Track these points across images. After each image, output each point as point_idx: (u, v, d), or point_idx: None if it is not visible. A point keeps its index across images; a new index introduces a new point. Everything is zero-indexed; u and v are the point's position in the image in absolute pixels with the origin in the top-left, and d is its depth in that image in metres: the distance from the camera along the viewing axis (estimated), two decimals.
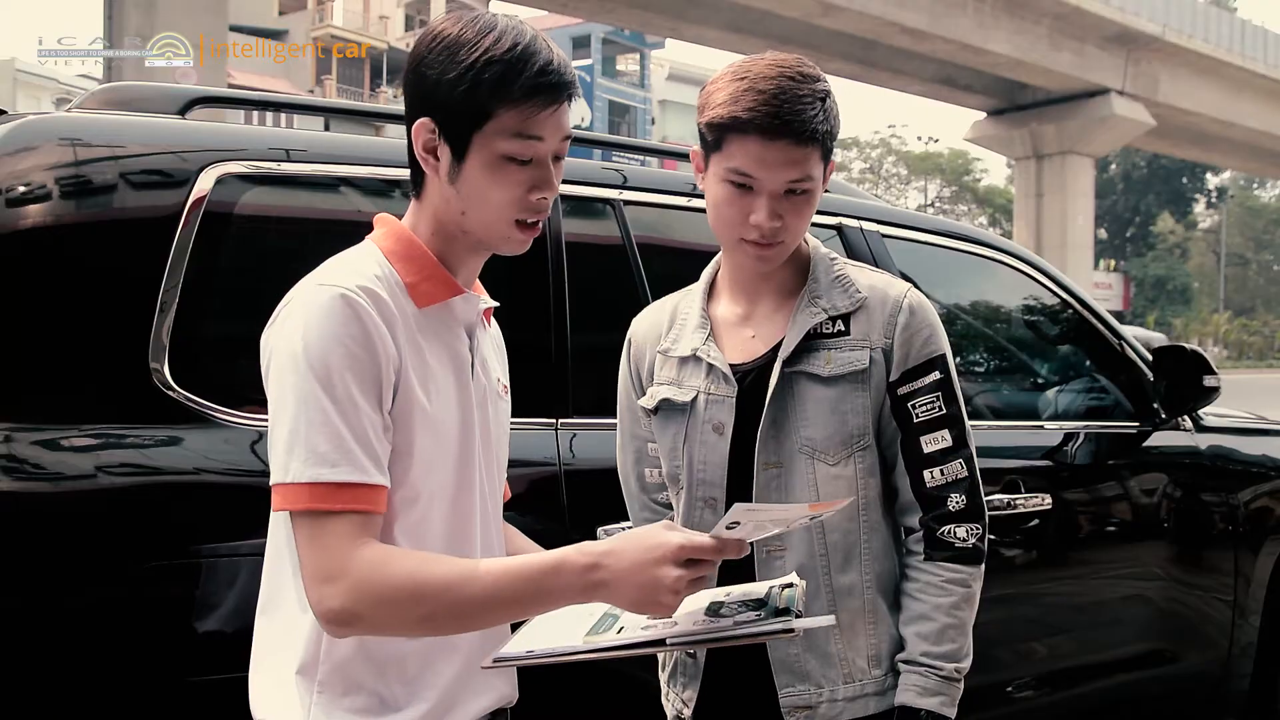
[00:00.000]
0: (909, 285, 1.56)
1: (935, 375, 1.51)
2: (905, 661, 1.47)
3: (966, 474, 1.51)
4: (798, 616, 1.15)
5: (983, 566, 1.51)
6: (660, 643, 1.13)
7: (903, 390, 1.50)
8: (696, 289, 1.64)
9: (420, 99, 1.21)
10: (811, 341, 1.50)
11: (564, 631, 1.19)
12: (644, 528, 1.17)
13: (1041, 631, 2.88)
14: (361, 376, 1.12)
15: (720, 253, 1.63)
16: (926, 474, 1.50)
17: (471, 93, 1.17)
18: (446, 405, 1.22)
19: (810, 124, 1.40)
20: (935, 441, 1.50)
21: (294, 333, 1.13)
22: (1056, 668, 2.89)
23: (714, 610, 1.21)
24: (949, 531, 1.49)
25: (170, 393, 1.73)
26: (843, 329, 1.51)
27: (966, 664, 1.47)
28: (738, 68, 1.46)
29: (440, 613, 1.10)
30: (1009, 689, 2.77)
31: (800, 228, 1.48)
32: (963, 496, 1.50)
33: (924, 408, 1.50)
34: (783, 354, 1.49)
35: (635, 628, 1.19)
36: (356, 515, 1.11)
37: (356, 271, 1.17)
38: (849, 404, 1.49)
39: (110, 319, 1.73)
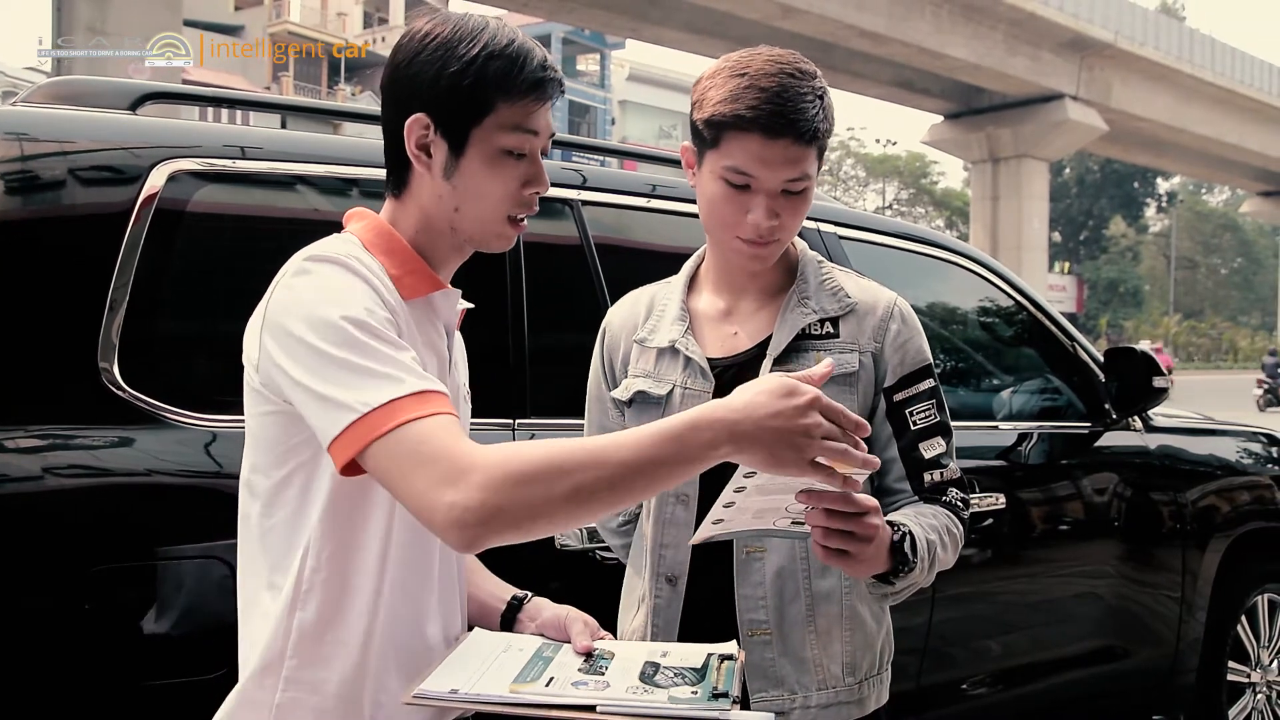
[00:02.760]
0: (896, 294, 1.57)
1: (929, 383, 1.53)
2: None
3: (959, 473, 1.54)
4: (735, 702, 1.12)
5: (963, 539, 1.51)
6: (590, 708, 1.09)
7: (899, 396, 1.51)
8: (676, 281, 1.63)
9: (412, 95, 1.19)
10: (800, 342, 1.50)
11: (490, 672, 1.16)
12: (764, 377, 1.10)
13: (996, 629, 2.91)
14: (383, 321, 1.10)
15: (703, 246, 1.63)
16: (927, 475, 1.51)
17: (475, 86, 1.17)
18: None
19: (812, 123, 1.39)
20: (933, 447, 1.52)
21: (304, 300, 1.10)
22: (1010, 665, 2.93)
23: (648, 675, 1.18)
24: (949, 500, 1.51)
25: (120, 393, 1.70)
26: (831, 331, 1.51)
27: (929, 576, 1.43)
28: (735, 63, 1.43)
29: (589, 482, 1.01)
30: (964, 686, 2.81)
31: (795, 226, 1.48)
32: (959, 491, 1.53)
33: (921, 415, 1.52)
34: (772, 352, 1.49)
35: (565, 682, 1.16)
36: (450, 418, 1.06)
37: (348, 253, 1.16)
38: None
39: (58, 317, 1.70)
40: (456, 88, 1.17)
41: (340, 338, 1.07)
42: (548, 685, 1.15)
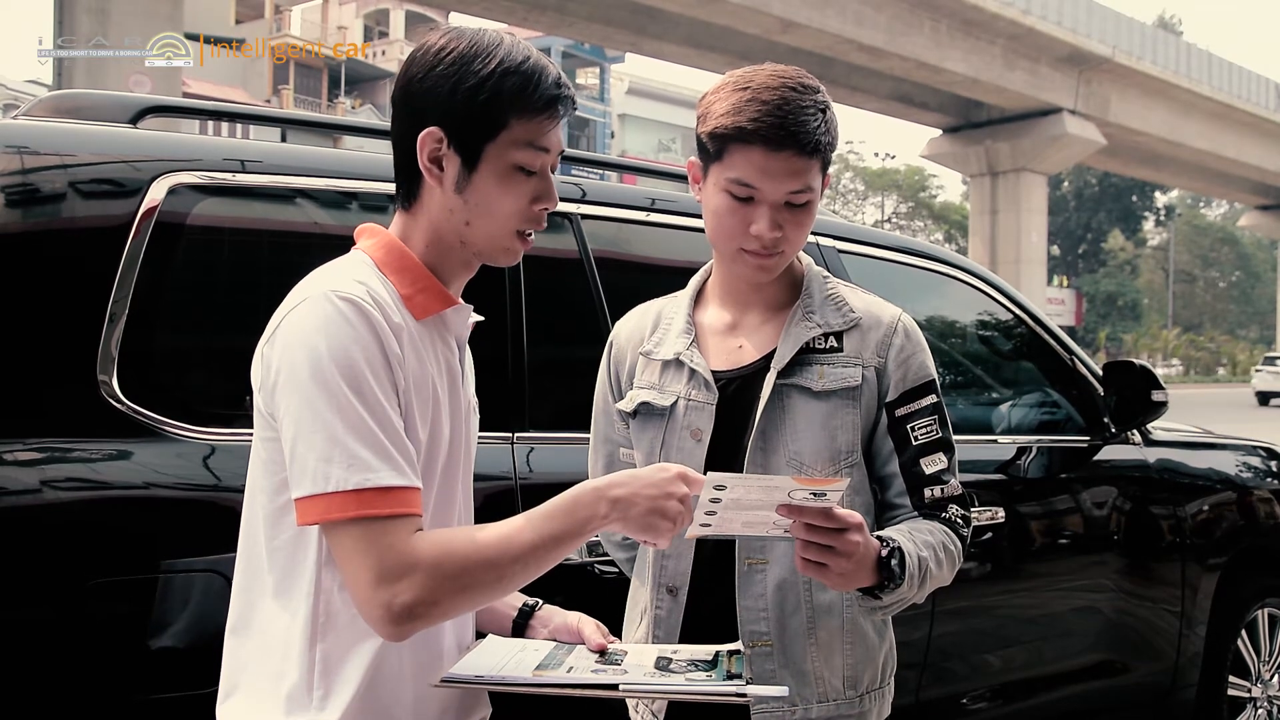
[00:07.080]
0: (900, 309, 1.58)
1: (931, 398, 1.53)
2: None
3: (961, 490, 1.54)
4: (748, 683, 1.17)
5: (961, 557, 1.50)
6: (612, 687, 1.14)
7: (901, 411, 1.52)
8: (683, 295, 1.64)
9: (426, 109, 1.20)
10: (804, 355, 1.51)
11: (513, 662, 1.19)
12: (644, 467, 1.24)
13: (995, 644, 2.90)
14: (384, 381, 1.11)
15: (710, 261, 1.64)
16: (927, 491, 1.51)
17: (490, 102, 1.18)
18: (441, 418, 1.22)
19: (814, 135, 1.41)
20: (934, 463, 1.52)
21: (311, 340, 1.10)
22: (1010, 679, 2.92)
23: (663, 665, 1.22)
24: (949, 516, 1.50)
25: (119, 405, 1.70)
26: (835, 345, 1.52)
27: (921, 593, 1.42)
28: (739, 78, 1.45)
29: (510, 571, 1.12)
30: (964, 700, 2.80)
31: (800, 239, 1.49)
32: (959, 508, 1.52)
33: (923, 430, 1.52)
34: (776, 365, 1.50)
35: (585, 669, 1.19)
36: (408, 519, 1.09)
37: (358, 280, 1.16)
38: (839, 420, 1.49)
39: (58, 330, 1.70)
40: (471, 103, 1.18)
41: (336, 398, 1.07)
42: (568, 673, 1.19)
